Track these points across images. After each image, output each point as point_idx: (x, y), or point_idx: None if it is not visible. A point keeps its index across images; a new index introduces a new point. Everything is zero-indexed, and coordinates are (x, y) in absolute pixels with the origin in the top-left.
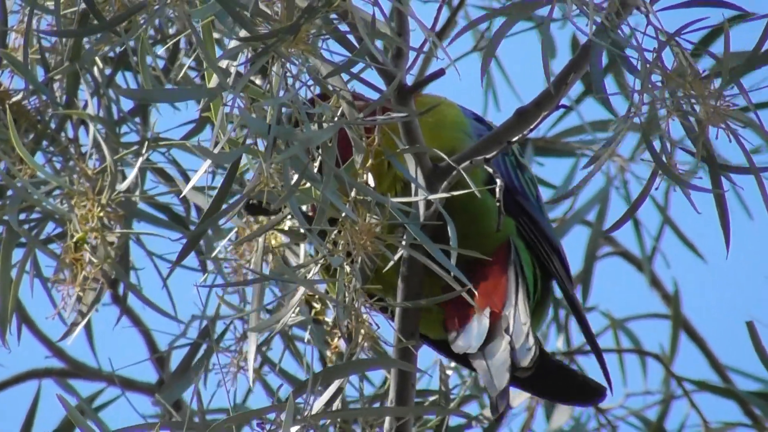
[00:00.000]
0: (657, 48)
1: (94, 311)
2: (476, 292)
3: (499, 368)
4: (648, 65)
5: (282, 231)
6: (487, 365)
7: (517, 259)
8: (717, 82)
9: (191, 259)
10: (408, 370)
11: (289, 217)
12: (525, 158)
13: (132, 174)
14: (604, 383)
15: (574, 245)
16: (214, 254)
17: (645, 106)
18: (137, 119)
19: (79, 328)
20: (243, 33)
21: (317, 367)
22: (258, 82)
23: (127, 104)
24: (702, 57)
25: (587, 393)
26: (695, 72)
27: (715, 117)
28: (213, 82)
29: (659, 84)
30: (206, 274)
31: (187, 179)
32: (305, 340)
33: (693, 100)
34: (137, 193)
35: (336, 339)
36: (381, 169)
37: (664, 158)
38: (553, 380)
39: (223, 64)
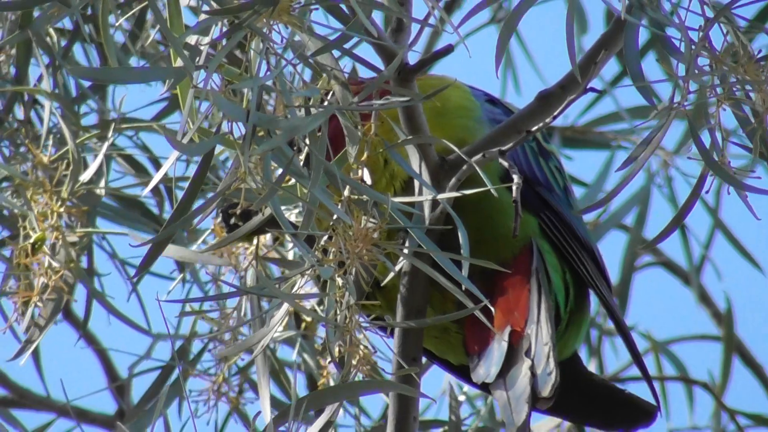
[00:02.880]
0: (704, 26)
1: (53, 324)
2: (495, 309)
3: (518, 399)
4: (693, 46)
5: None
6: (507, 396)
7: (541, 264)
8: None
9: (166, 266)
10: (409, 394)
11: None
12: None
13: (96, 162)
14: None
15: (609, 254)
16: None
17: (691, 95)
18: (98, 96)
19: (35, 345)
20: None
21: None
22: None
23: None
24: (758, 36)
25: (634, 415)
26: (749, 53)
27: None
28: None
29: (707, 69)
30: (174, 285)
31: (158, 168)
32: (294, 366)
33: (748, 87)
34: (101, 184)
35: (327, 362)
36: (379, 164)
37: (714, 155)
38: (590, 401)
39: (193, 39)
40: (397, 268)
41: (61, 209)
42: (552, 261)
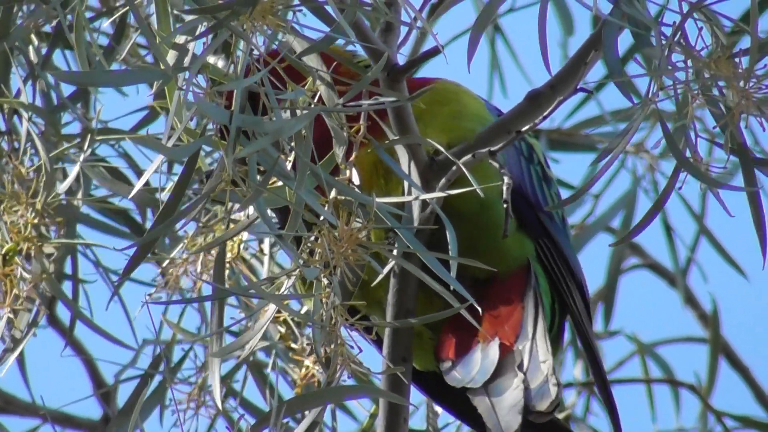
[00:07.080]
0: (678, 21)
1: (32, 336)
2: (483, 319)
3: (507, 409)
4: (665, 41)
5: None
6: (491, 404)
7: (537, 286)
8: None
9: (149, 273)
10: (394, 401)
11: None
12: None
13: (73, 172)
14: None
15: (595, 256)
16: (166, 264)
17: (665, 90)
18: (78, 106)
19: (13, 357)
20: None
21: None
22: (221, 64)
23: (68, 89)
24: (743, 35)
25: None
26: (723, 49)
27: (746, 102)
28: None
29: (682, 65)
30: (155, 290)
31: (141, 177)
32: (270, 367)
33: (721, 83)
34: (80, 195)
35: (306, 367)
36: (367, 165)
37: (688, 152)
38: None
39: (180, 40)
40: (386, 270)
41: (36, 220)
42: (544, 285)
